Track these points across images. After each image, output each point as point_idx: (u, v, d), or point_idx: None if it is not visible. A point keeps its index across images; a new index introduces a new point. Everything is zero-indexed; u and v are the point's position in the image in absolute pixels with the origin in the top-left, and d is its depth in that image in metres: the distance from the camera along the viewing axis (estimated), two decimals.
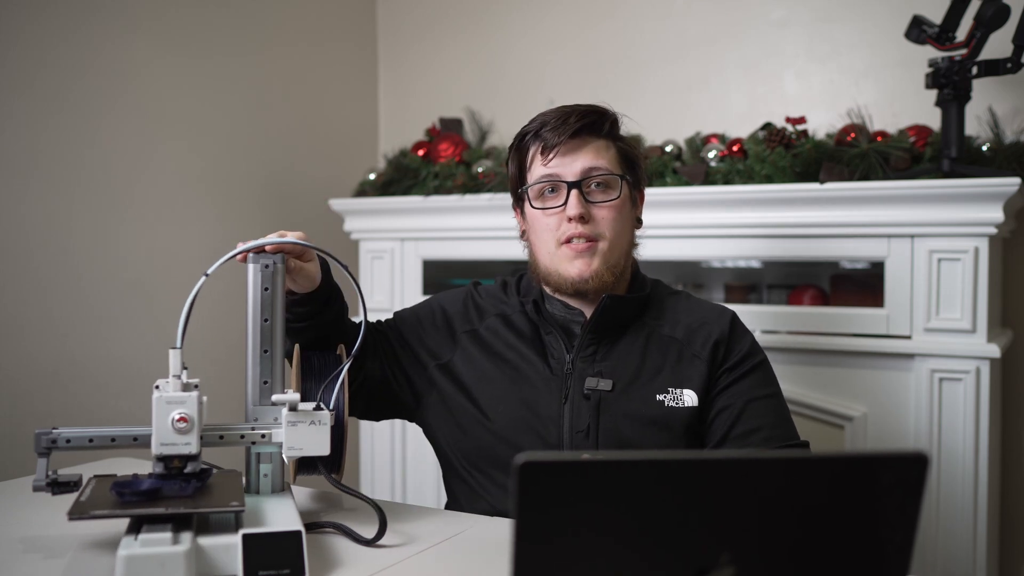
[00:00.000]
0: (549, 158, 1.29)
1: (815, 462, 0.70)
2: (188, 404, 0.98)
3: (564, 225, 1.27)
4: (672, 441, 1.25)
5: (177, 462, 1.00)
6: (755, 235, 1.95)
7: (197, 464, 1.01)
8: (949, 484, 1.78)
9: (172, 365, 1.00)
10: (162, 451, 0.98)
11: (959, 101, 1.80)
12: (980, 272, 1.76)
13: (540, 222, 1.31)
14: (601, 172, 1.28)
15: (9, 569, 0.98)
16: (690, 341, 1.30)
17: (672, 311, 1.34)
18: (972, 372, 1.75)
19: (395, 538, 1.10)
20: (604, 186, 1.29)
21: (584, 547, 0.66)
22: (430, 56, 2.80)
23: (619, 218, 1.29)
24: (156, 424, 0.97)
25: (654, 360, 1.29)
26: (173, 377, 1.00)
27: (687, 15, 2.41)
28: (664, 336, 1.31)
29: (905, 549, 0.69)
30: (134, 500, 0.96)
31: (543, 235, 1.31)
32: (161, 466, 0.99)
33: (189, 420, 0.98)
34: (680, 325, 1.32)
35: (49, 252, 1.94)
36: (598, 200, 1.28)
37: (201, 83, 2.28)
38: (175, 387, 0.99)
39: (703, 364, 1.29)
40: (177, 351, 1.01)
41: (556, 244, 1.29)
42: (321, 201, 2.50)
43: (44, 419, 1.83)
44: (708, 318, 1.33)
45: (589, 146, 1.29)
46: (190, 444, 0.98)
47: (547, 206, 1.30)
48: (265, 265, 1.11)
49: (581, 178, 1.27)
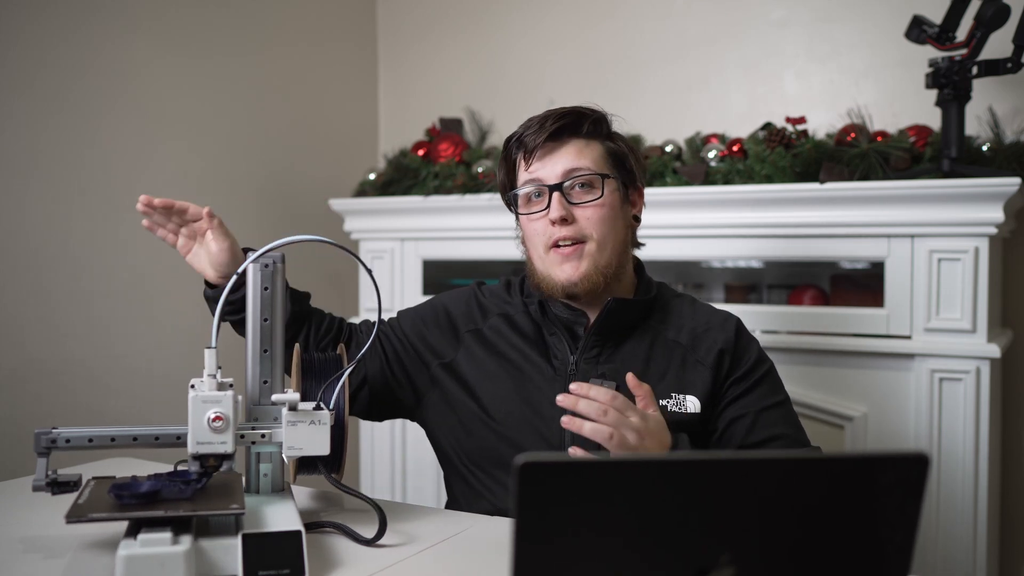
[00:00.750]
0: (530, 162, 1.29)
1: (815, 462, 0.70)
2: (224, 403, 0.99)
3: (549, 229, 1.27)
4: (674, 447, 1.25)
5: (212, 460, 1.00)
6: (755, 235, 1.95)
7: (231, 463, 1.01)
8: (949, 484, 1.78)
9: (208, 364, 1.00)
10: (199, 450, 0.98)
11: (959, 101, 1.80)
12: (980, 272, 1.76)
13: (529, 228, 1.32)
14: (582, 172, 1.28)
15: (9, 569, 0.98)
16: (695, 347, 1.30)
17: (677, 315, 1.34)
18: (972, 372, 1.75)
19: (395, 538, 1.10)
20: (587, 186, 1.28)
21: (584, 547, 0.66)
22: (430, 56, 2.80)
23: (605, 218, 1.28)
24: (192, 423, 0.98)
25: (658, 364, 1.29)
26: (208, 376, 1.00)
27: (687, 15, 2.41)
28: (669, 341, 1.31)
29: (905, 549, 0.69)
30: (132, 503, 0.95)
31: (533, 240, 1.31)
32: (197, 464, 1.00)
33: (225, 419, 0.98)
34: (685, 330, 1.32)
35: (49, 252, 1.94)
36: (581, 201, 1.27)
37: (201, 83, 2.28)
38: (210, 386, 0.99)
39: (707, 371, 1.28)
40: (212, 350, 1.01)
41: (545, 249, 1.29)
42: (321, 201, 2.50)
43: (44, 419, 1.82)
44: (713, 324, 1.33)
45: (569, 147, 1.29)
46: (226, 443, 0.99)
47: (533, 211, 1.30)
48: (265, 265, 1.11)
49: (562, 180, 1.27)
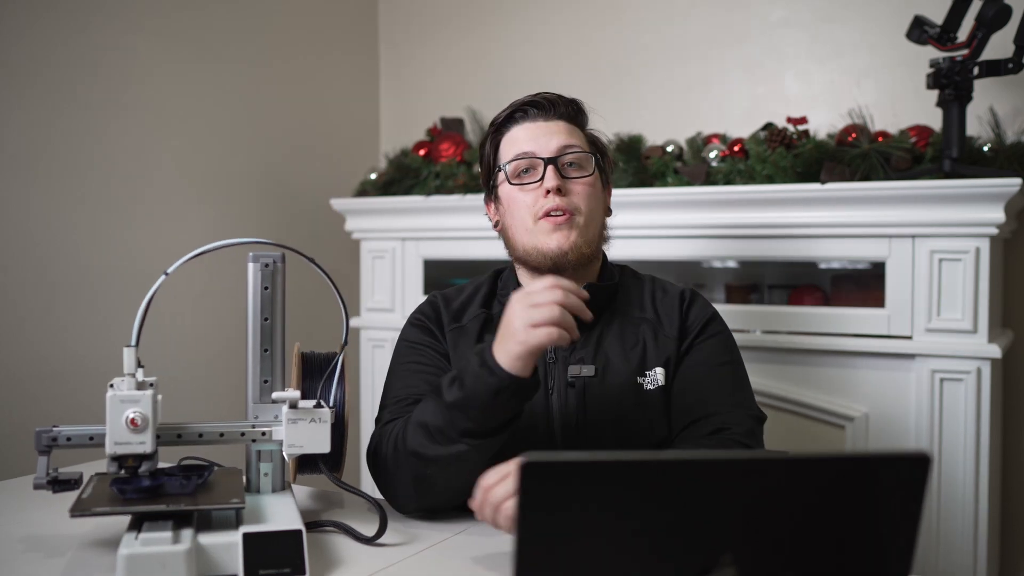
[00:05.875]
0: (524, 138, 1.32)
1: (817, 462, 0.70)
2: (142, 403, 0.97)
3: (541, 200, 1.29)
4: (655, 419, 1.28)
5: (131, 461, 0.98)
6: (756, 235, 1.95)
7: (153, 464, 0.99)
8: (950, 484, 1.78)
9: (126, 363, 0.99)
10: (116, 450, 0.97)
11: (960, 101, 1.80)
12: (981, 272, 1.76)
13: (517, 200, 1.32)
14: (575, 149, 1.31)
15: (9, 568, 0.98)
16: (660, 321, 1.33)
17: (639, 294, 1.37)
18: (973, 372, 1.75)
19: (396, 537, 1.10)
20: (578, 165, 1.32)
21: (586, 547, 0.66)
22: (431, 56, 2.80)
23: (593, 196, 1.32)
24: (110, 423, 0.96)
25: (633, 341, 1.31)
26: (128, 375, 0.98)
27: (688, 16, 2.41)
28: (635, 317, 1.34)
29: (907, 549, 0.69)
30: (135, 497, 0.97)
31: (520, 212, 1.32)
32: (116, 466, 0.98)
33: (143, 419, 0.97)
34: (648, 306, 1.35)
35: (50, 251, 1.94)
36: (573, 176, 1.31)
37: (203, 83, 2.28)
38: (129, 385, 0.98)
39: (672, 343, 1.31)
40: (131, 349, 1.00)
41: (533, 219, 1.30)
42: (322, 201, 2.51)
43: (45, 417, 1.82)
44: (673, 295, 1.36)
45: (561, 127, 1.33)
46: (144, 443, 0.97)
47: (524, 182, 1.32)
48: (265, 264, 1.11)
49: (557, 155, 1.30)
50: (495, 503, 1.01)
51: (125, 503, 0.96)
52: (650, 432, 1.27)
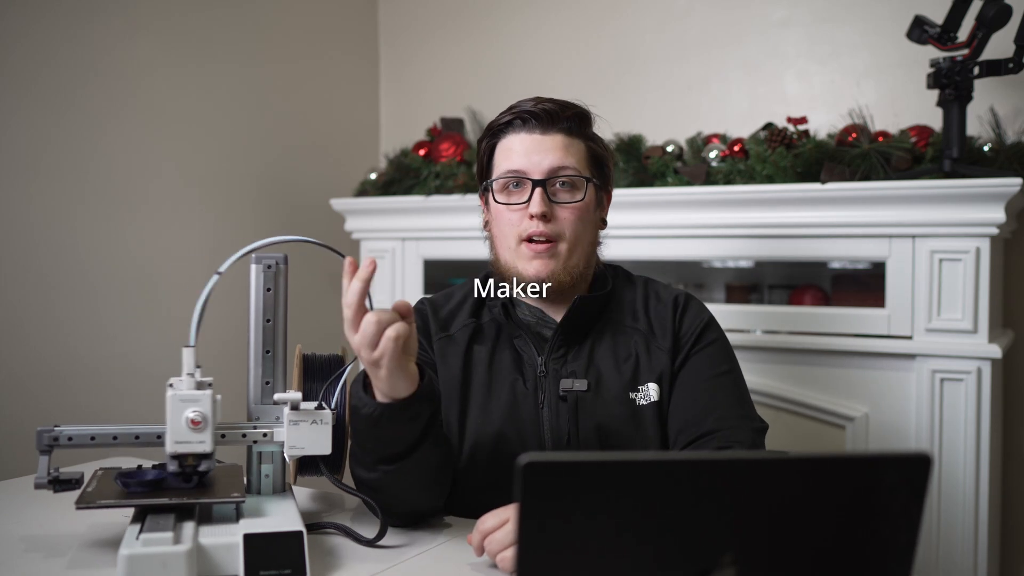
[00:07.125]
0: (519, 151, 1.28)
1: (818, 463, 0.70)
2: (202, 402, 0.98)
3: (526, 222, 1.26)
4: (649, 434, 1.25)
5: (191, 460, 1.00)
6: (756, 235, 1.95)
7: (211, 462, 1.01)
8: (950, 485, 1.78)
9: (186, 363, 1.00)
10: (176, 449, 0.98)
11: (960, 101, 1.80)
12: (981, 272, 1.76)
13: (503, 216, 1.29)
14: (568, 172, 1.27)
15: (10, 568, 0.98)
16: (653, 332, 1.30)
17: (631, 302, 1.34)
18: (973, 372, 1.75)
19: (396, 539, 1.10)
20: (570, 186, 1.28)
21: (587, 547, 0.66)
22: (431, 56, 2.80)
23: (581, 220, 1.28)
24: (170, 422, 0.98)
25: (622, 355, 1.28)
26: (187, 375, 1.00)
27: (688, 16, 2.41)
28: (627, 328, 1.31)
29: (908, 550, 0.69)
30: (139, 490, 0.99)
31: (505, 229, 1.29)
32: (176, 464, 1.00)
33: (203, 418, 0.98)
34: (640, 315, 1.32)
35: (51, 251, 1.94)
36: (563, 200, 1.27)
37: (203, 83, 2.28)
38: (189, 385, 0.99)
39: (665, 355, 1.28)
40: (191, 349, 1.01)
41: (516, 241, 1.27)
42: (322, 201, 2.50)
43: (46, 417, 1.82)
44: (666, 303, 1.33)
45: (556, 141, 1.28)
46: (204, 442, 0.99)
47: (511, 201, 1.28)
48: (267, 265, 1.11)
49: (547, 177, 1.26)
50: (493, 553, 1.00)
51: (129, 496, 0.98)
52: (644, 448, 1.25)
